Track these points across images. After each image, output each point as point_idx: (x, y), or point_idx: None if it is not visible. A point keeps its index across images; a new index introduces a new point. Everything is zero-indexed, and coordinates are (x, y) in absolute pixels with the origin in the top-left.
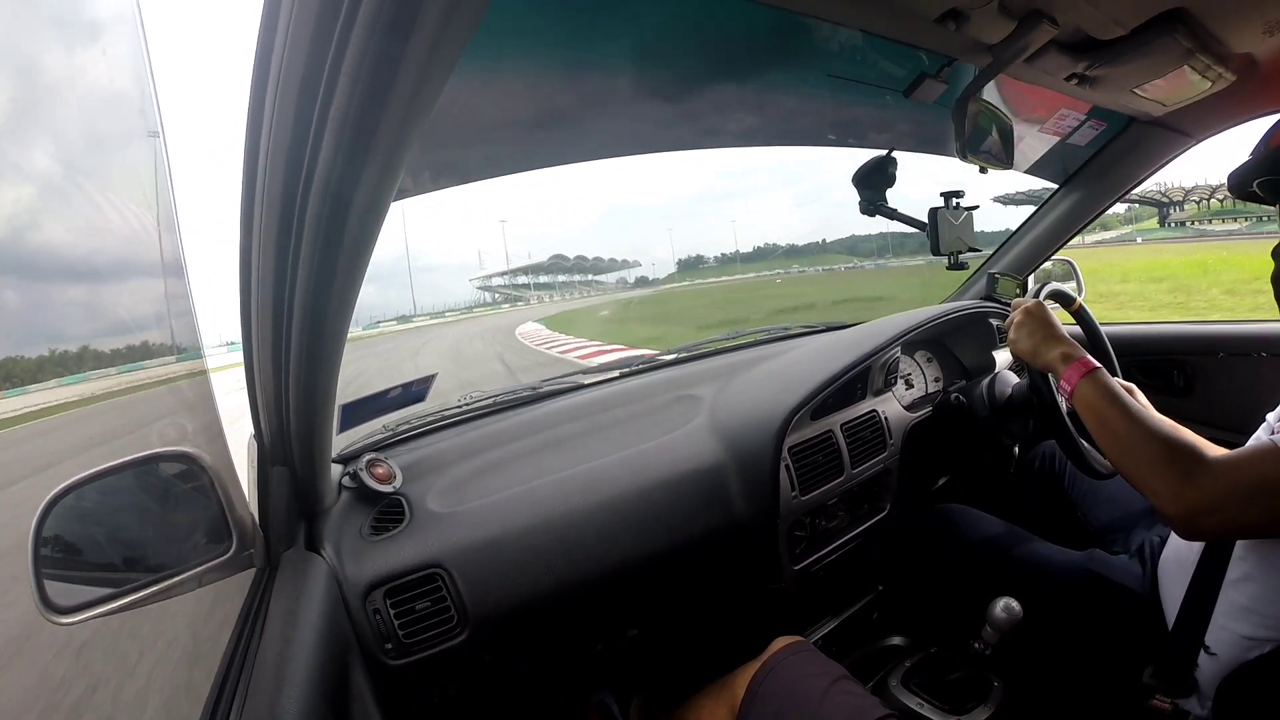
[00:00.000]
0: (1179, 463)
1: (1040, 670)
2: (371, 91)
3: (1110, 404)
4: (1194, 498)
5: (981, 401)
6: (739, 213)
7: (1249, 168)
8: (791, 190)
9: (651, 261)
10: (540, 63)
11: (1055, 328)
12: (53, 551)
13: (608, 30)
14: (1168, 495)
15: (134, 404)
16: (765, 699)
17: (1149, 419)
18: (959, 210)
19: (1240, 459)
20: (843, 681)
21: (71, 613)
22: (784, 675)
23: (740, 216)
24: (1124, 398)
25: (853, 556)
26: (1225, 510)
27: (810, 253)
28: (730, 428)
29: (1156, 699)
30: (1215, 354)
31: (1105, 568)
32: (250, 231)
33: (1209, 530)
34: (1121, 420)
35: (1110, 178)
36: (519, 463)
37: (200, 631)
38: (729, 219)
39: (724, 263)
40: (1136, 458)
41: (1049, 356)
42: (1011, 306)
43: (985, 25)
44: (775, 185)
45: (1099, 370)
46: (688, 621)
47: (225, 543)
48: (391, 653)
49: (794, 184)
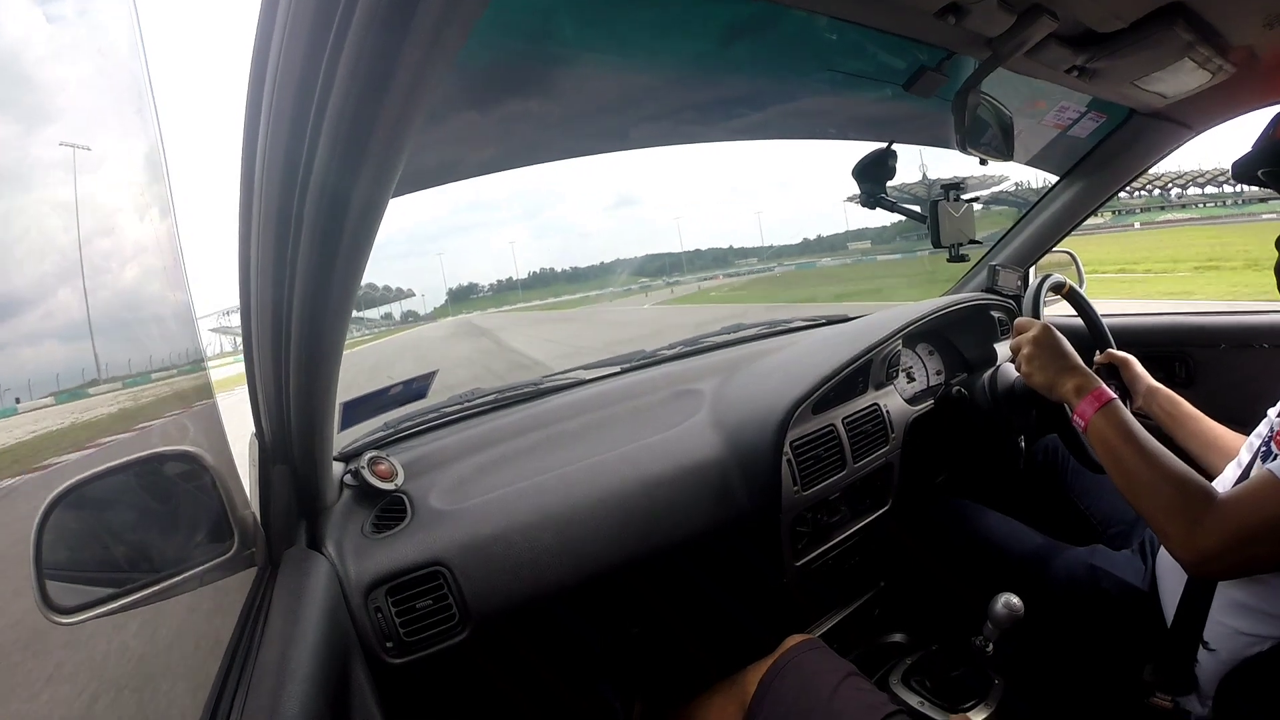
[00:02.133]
0: (1190, 508)
1: (1041, 667)
2: (368, 90)
3: (1124, 440)
4: (1203, 544)
5: (983, 394)
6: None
7: (1252, 157)
8: (530, 222)
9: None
10: (538, 60)
11: (1068, 357)
12: (55, 551)
13: (603, 27)
14: (1177, 539)
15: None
16: (777, 695)
17: (1161, 458)
18: (959, 203)
19: (1245, 499)
20: (853, 678)
21: (73, 612)
22: (795, 672)
23: (479, 250)
24: (1138, 433)
25: (854, 552)
26: (1233, 554)
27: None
28: (732, 423)
29: (1157, 696)
30: (1217, 345)
31: (1108, 563)
32: (249, 230)
33: (1218, 572)
34: (1135, 458)
35: (1111, 169)
36: (520, 459)
37: (202, 630)
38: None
39: (500, 290)
40: (1148, 498)
41: (1063, 388)
42: (1014, 329)
43: (985, 19)
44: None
45: (1114, 403)
46: (690, 618)
47: (227, 541)
48: (393, 651)
49: (533, 215)
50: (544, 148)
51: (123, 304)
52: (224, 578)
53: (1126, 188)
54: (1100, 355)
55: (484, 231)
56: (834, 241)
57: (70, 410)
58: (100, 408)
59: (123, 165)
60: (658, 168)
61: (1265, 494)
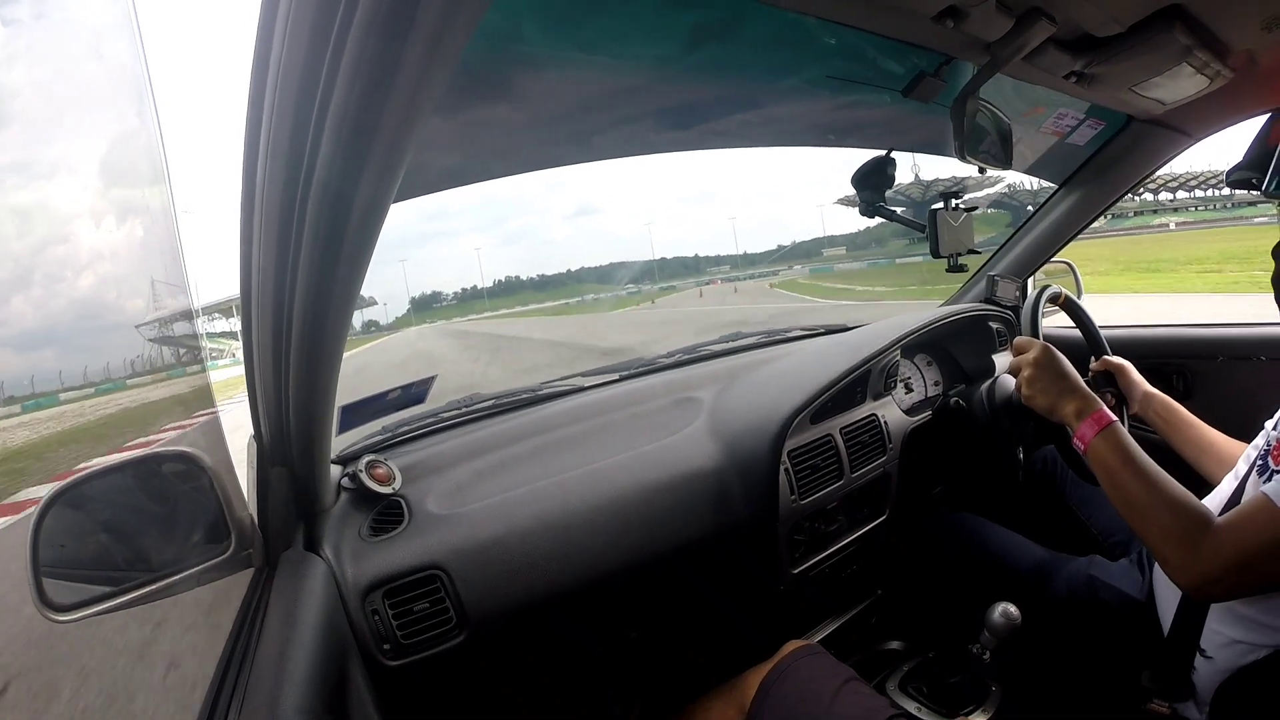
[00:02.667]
0: (1189, 535)
1: (1038, 675)
2: (370, 91)
3: (1124, 465)
4: (1202, 570)
5: (981, 406)
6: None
7: (1246, 164)
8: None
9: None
10: (539, 65)
11: (1068, 378)
12: (52, 549)
13: (603, 32)
14: (1176, 565)
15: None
16: (777, 700)
17: (1161, 483)
18: (958, 212)
19: (1243, 525)
20: (853, 683)
21: (70, 610)
22: (796, 677)
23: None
24: (1138, 457)
25: (851, 560)
26: (1231, 578)
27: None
28: (730, 431)
29: (1154, 703)
30: (1215, 358)
31: (1106, 573)
32: (250, 231)
33: (1218, 596)
34: (1135, 483)
35: (1110, 177)
36: (518, 465)
37: (198, 631)
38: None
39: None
40: (1147, 523)
41: (1064, 411)
42: (1014, 349)
43: (983, 23)
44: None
45: (1114, 425)
46: (687, 624)
47: (224, 542)
48: (390, 653)
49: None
50: (543, 153)
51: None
52: (221, 578)
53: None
54: (1096, 363)
55: (445, 241)
56: (810, 248)
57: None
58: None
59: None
60: (625, 174)
61: (1262, 519)
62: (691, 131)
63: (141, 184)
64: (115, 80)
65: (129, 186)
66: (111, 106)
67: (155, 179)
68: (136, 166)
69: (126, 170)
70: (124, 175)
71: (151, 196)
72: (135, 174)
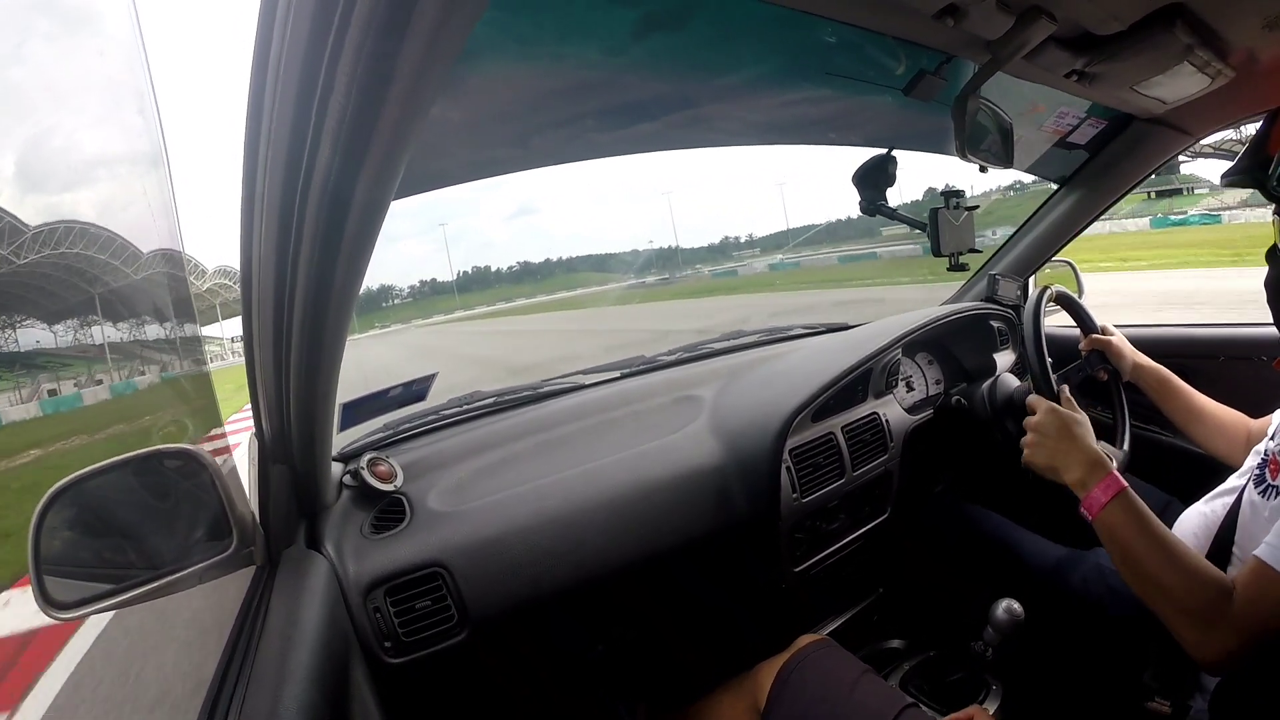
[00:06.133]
0: (1205, 611)
1: (1041, 671)
2: (369, 91)
3: (1137, 534)
4: (1218, 648)
5: (982, 404)
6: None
7: (1243, 164)
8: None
9: None
10: (538, 63)
11: (1079, 438)
12: (53, 547)
13: (602, 30)
14: (1192, 642)
15: None
16: (796, 691)
17: (1175, 552)
18: (960, 211)
19: (1258, 597)
20: (869, 675)
21: (71, 608)
22: (814, 668)
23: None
24: (1152, 524)
25: (853, 559)
26: (1249, 648)
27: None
28: (731, 429)
29: (1156, 700)
30: (1215, 358)
31: (1109, 568)
32: (250, 230)
33: (1234, 667)
34: (1151, 555)
35: (1111, 177)
36: (520, 462)
37: (200, 628)
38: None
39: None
40: (1161, 597)
41: (1070, 476)
42: (1029, 407)
43: (983, 21)
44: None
45: (1126, 492)
46: (689, 621)
47: (225, 540)
48: (391, 651)
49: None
50: (544, 151)
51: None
52: (222, 576)
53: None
54: (1085, 341)
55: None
56: (779, 239)
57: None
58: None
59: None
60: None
61: (1273, 591)
62: (692, 131)
63: (142, 183)
64: (115, 80)
65: (129, 185)
66: (112, 106)
67: (156, 179)
68: (136, 166)
69: (126, 171)
70: (124, 175)
71: (152, 196)
72: (135, 174)
